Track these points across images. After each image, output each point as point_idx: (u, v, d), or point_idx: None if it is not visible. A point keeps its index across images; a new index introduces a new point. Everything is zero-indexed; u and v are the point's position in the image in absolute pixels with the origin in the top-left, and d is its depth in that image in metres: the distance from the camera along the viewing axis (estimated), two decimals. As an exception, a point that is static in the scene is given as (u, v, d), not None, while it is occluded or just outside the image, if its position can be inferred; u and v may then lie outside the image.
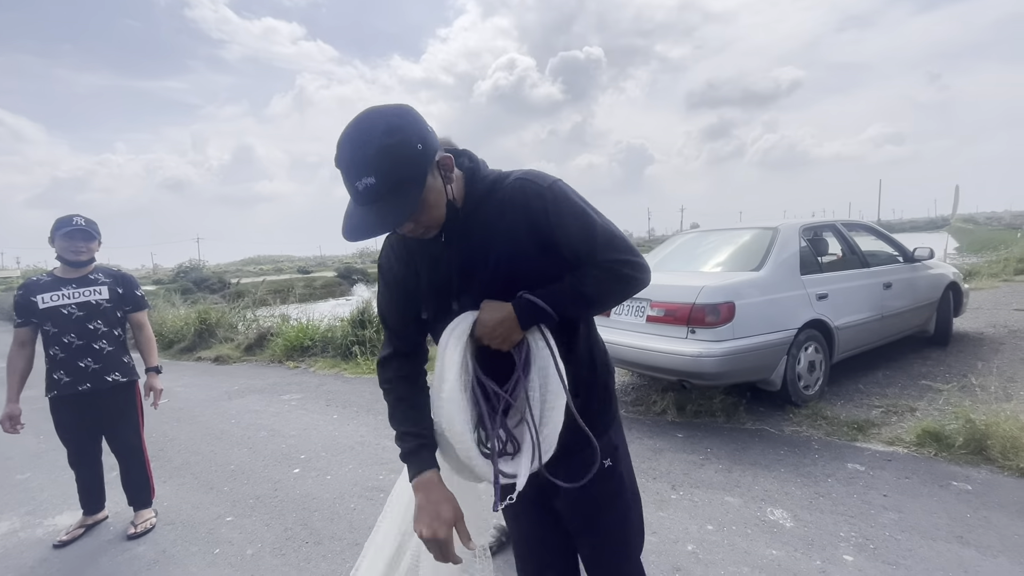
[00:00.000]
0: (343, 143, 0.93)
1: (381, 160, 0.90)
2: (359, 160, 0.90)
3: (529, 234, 1.03)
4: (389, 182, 0.90)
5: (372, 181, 0.90)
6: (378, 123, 0.91)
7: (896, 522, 2.15)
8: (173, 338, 7.89)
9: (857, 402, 3.48)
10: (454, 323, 1.05)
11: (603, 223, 1.05)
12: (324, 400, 4.63)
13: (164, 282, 32.96)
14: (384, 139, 0.90)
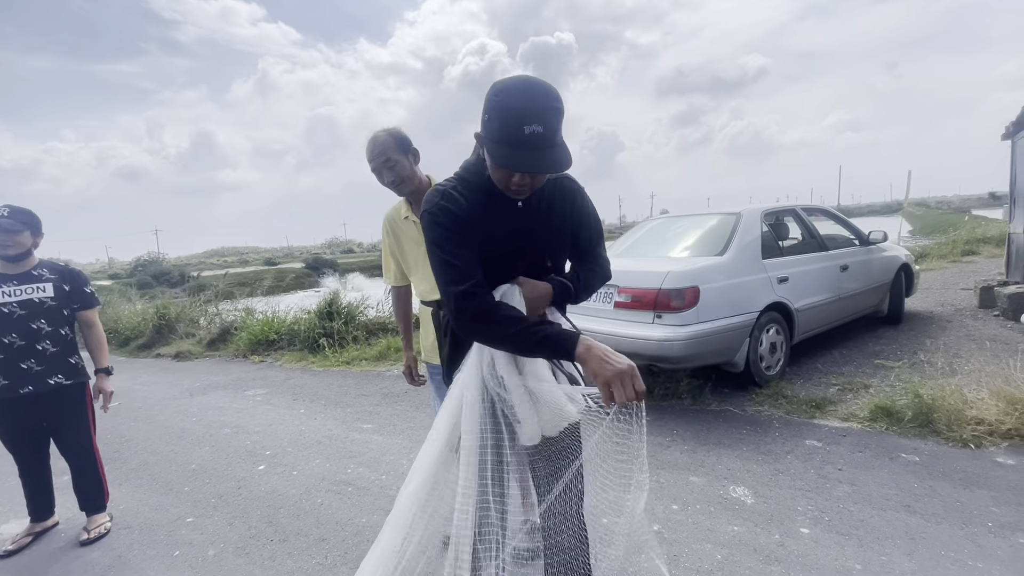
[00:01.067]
0: (518, 93, 1.10)
1: (550, 116, 1.09)
2: (533, 110, 1.07)
3: (569, 221, 1.33)
4: (552, 135, 1.10)
5: (540, 130, 1.07)
6: (550, 89, 1.11)
7: (849, 494, 2.24)
8: (130, 335, 7.56)
9: (815, 381, 3.61)
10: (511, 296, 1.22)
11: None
12: (291, 394, 4.53)
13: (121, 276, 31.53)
14: (554, 102, 1.10)
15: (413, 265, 1.97)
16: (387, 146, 1.77)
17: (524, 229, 1.26)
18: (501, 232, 1.23)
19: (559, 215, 1.31)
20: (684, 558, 1.93)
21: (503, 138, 1.10)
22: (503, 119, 1.09)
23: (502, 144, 1.10)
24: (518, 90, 1.09)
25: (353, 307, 6.41)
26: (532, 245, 1.28)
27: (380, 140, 1.78)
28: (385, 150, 1.77)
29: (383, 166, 1.78)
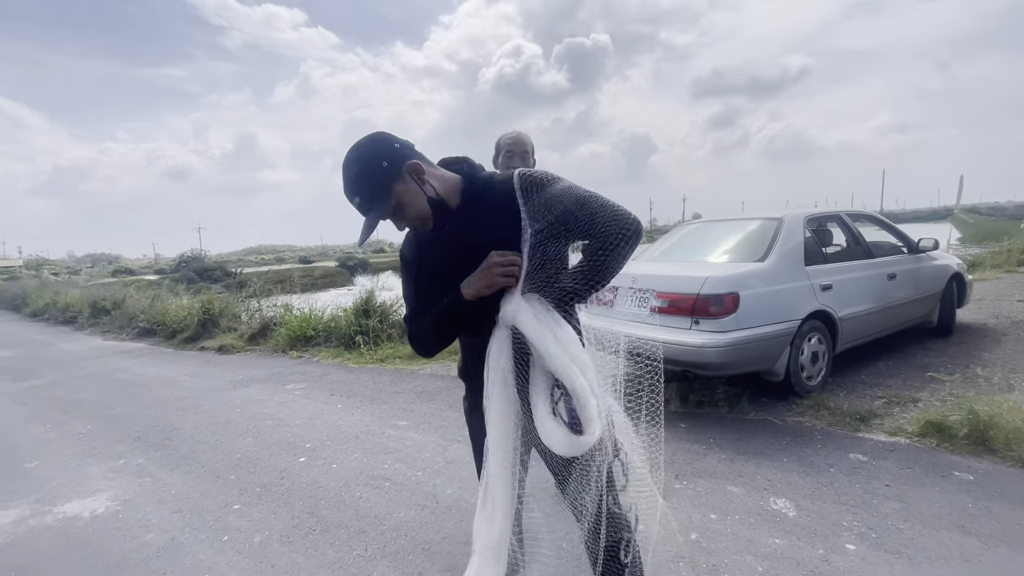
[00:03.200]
0: (342, 174, 1.21)
1: (356, 183, 1.19)
2: (346, 186, 1.20)
3: (516, 222, 1.21)
4: (367, 197, 1.19)
5: (358, 200, 1.20)
6: (351, 155, 1.20)
7: (898, 511, 2.17)
8: (176, 328, 7.90)
9: (860, 392, 3.49)
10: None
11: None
12: (328, 390, 4.66)
13: (166, 272, 33.00)
14: (354, 168, 1.19)
15: None
16: (529, 142, 2.10)
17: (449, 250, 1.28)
18: (434, 260, 1.32)
19: (497, 223, 1.22)
20: (724, 569, 1.90)
21: None
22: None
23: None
24: (342, 170, 1.21)
25: (387, 306, 6.54)
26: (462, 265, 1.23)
27: (525, 134, 2.11)
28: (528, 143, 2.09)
29: (525, 154, 2.08)
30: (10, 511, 2.73)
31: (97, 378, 5.78)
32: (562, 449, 1.16)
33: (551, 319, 1.18)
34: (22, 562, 2.27)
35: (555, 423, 1.18)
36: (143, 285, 14.10)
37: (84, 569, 2.18)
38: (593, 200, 1.20)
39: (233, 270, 24.48)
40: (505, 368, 1.23)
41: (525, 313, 1.17)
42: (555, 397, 1.19)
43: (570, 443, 1.15)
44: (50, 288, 14.99)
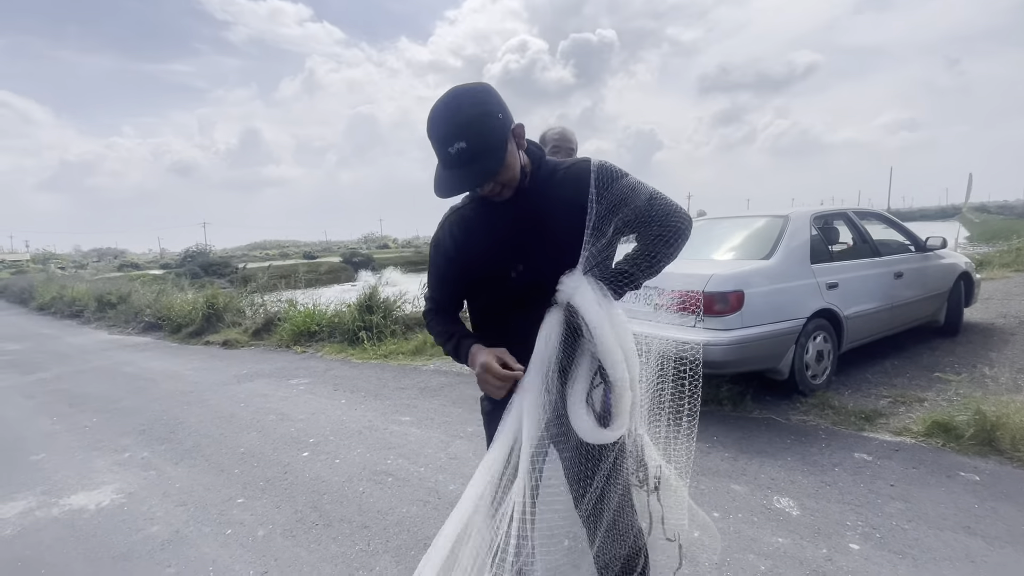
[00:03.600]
0: (436, 115, 1.09)
1: (470, 127, 1.06)
2: (452, 128, 1.07)
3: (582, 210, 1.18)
4: (477, 146, 1.07)
5: (463, 145, 1.06)
6: (465, 97, 1.09)
7: (903, 512, 2.15)
8: (182, 322, 7.94)
9: (865, 392, 3.47)
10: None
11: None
12: (332, 385, 4.67)
13: (171, 266, 33.18)
14: (471, 109, 1.07)
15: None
16: (575, 139, 2.17)
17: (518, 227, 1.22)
18: (490, 243, 1.24)
19: (565, 206, 1.20)
20: (727, 567, 1.90)
21: (439, 163, 1.11)
22: (434, 146, 1.11)
23: (438, 170, 1.12)
24: (439, 110, 1.09)
25: (391, 302, 6.55)
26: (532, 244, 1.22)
27: (573, 134, 2.19)
28: (575, 140, 2.16)
29: (570, 151, 2.13)
30: (17, 503, 2.75)
31: (103, 372, 5.82)
32: (586, 436, 1.19)
33: (610, 305, 1.18)
34: (28, 553, 2.29)
35: (586, 410, 1.19)
36: (148, 280, 14.19)
37: (89, 561, 2.20)
38: (658, 196, 1.25)
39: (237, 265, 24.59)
40: (551, 355, 1.20)
41: (586, 293, 1.16)
42: (594, 383, 1.21)
43: (595, 434, 1.18)
44: (57, 282, 15.10)
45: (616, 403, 1.18)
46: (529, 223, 1.22)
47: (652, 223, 1.24)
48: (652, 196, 1.24)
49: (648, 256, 1.23)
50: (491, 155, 1.10)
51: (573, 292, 1.17)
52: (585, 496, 1.29)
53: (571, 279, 1.19)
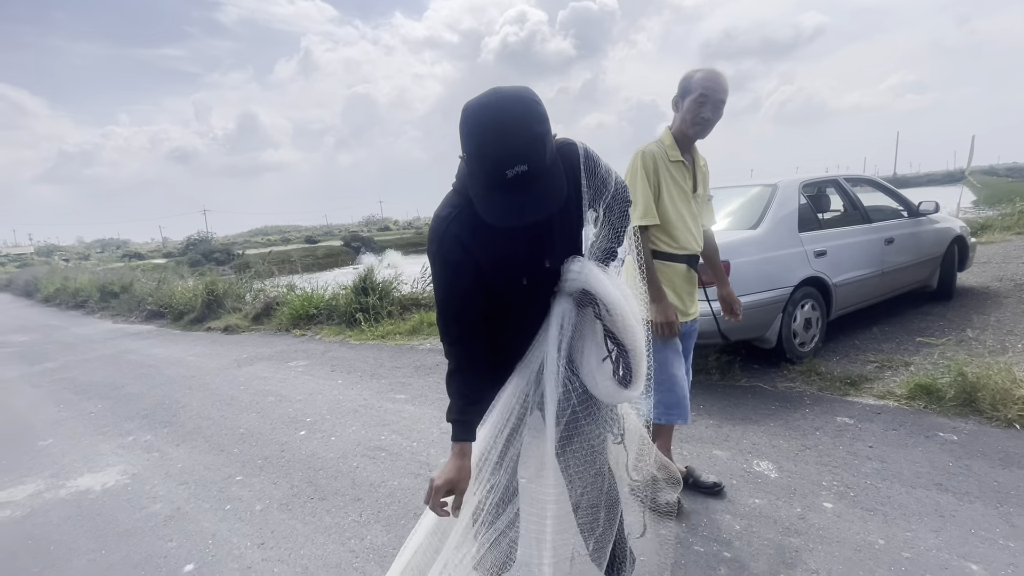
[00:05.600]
0: (489, 130, 0.94)
1: (534, 148, 0.95)
2: (513, 149, 0.93)
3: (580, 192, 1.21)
4: (538, 168, 0.96)
5: (524, 168, 0.94)
6: (527, 111, 0.95)
7: (878, 471, 2.21)
8: (183, 309, 8.03)
9: (852, 358, 3.51)
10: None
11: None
12: (330, 366, 4.75)
13: (174, 255, 33.32)
14: (537, 127, 0.95)
15: (672, 210, 1.89)
16: (727, 87, 1.84)
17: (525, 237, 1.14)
18: (504, 248, 1.14)
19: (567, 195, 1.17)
20: (703, 528, 1.96)
21: (485, 184, 0.98)
22: (482, 164, 0.96)
23: (483, 190, 1.00)
24: (492, 126, 0.94)
25: (387, 283, 6.59)
26: (534, 237, 1.17)
27: (725, 77, 1.84)
28: (727, 89, 1.83)
29: (719, 103, 1.82)
30: (26, 486, 2.86)
31: (107, 360, 5.93)
32: (609, 397, 1.28)
33: (620, 281, 1.27)
34: (38, 532, 2.39)
35: (606, 375, 1.26)
36: (149, 268, 14.28)
37: (96, 538, 2.30)
38: (619, 177, 1.31)
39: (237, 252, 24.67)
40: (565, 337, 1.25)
41: (599, 276, 1.22)
42: (609, 349, 1.27)
43: (619, 394, 1.27)
44: (60, 274, 15.23)
45: (636, 367, 1.26)
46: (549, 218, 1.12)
47: (617, 201, 1.32)
48: (616, 176, 1.31)
49: (620, 233, 1.33)
50: (553, 180, 1.01)
51: (586, 278, 1.22)
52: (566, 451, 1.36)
53: (577, 265, 1.23)
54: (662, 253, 1.93)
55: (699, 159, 2.00)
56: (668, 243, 1.93)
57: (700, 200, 2.00)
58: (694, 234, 1.97)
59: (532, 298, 1.25)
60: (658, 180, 1.87)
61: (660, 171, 1.87)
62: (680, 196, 1.91)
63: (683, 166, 1.91)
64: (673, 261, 1.95)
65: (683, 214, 1.92)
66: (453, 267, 1.13)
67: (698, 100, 1.81)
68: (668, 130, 1.93)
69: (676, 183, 1.90)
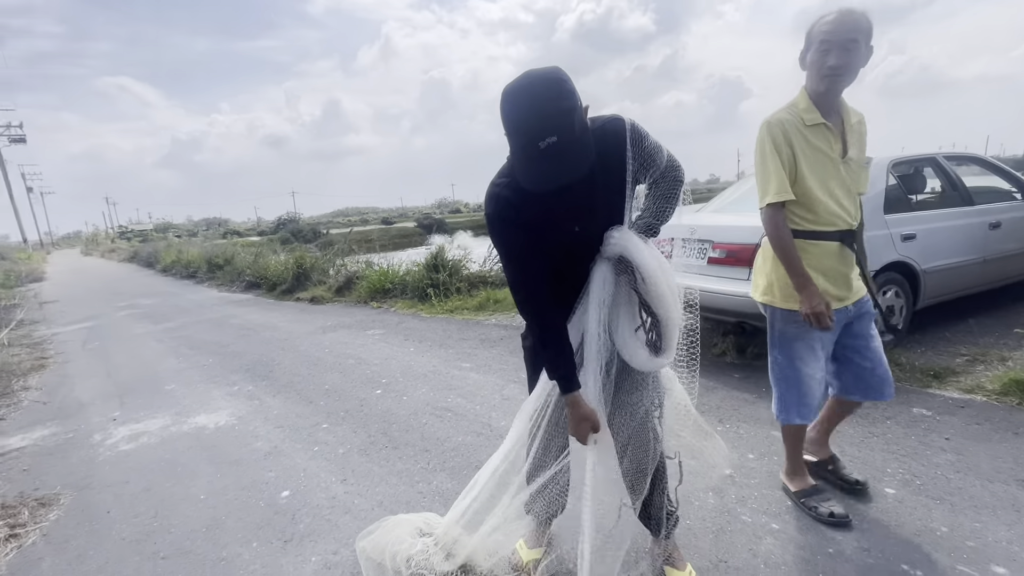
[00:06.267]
0: (521, 106, 1.10)
1: (561, 121, 1.08)
2: (543, 121, 1.08)
3: (626, 165, 1.31)
4: (567, 139, 1.09)
5: (554, 140, 1.08)
6: (552, 88, 1.09)
7: (952, 463, 2.11)
8: (276, 281, 8.85)
9: (940, 350, 3.27)
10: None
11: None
12: (403, 335, 5.11)
13: (267, 233, 36.29)
14: (565, 102, 1.09)
15: (814, 182, 1.67)
16: (859, 25, 1.55)
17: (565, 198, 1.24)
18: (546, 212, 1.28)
19: (604, 163, 1.27)
20: (752, 500, 2.00)
21: (523, 155, 1.13)
22: (517, 139, 1.12)
23: (522, 161, 1.15)
24: (526, 104, 1.09)
25: (457, 262, 6.89)
26: (577, 206, 1.30)
27: (854, 14, 1.55)
28: (857, 27, 1.55)
29: (848, 44, 1.55)
30: (157, 420, 3.40)
31: (215, 322, 6.73)
32: (641, 365, 1.40)
33: (657, 253, 1.37)
34: (169, 456, 2.86)
35: (639, 342, 1.40)
36: (246, 245, 15.73)
37: (212, 464, 2.72)
38: (670, 154, 1.38)
39: (322, 231, 26.48)
40: (605, 297, 1.38)
41: (639, 246, 1.33)
42: (643, 318, 1.39)
43: (651, 361, 1.39)
44: (175, 248, 17.18)
45: (667, 337, 1.37)
46: (580, 187, 1.24)
47: (665, 179, 1.39)
48: (668, 154, 1.37)
49: (664, 210, 1.39)
50: (583, 148, 1.13)
51: (625, 245, 1.33)
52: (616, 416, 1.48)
53: (619, 233, 1.34)
54: (805, 232, 1.71)
55: (850, 116, 1.71)
56: (811, 220, 1.70)
57: (854, 165, 1.71)
58: (845, 206, 1.70)
59: (579, 258, 1.38)
60: (792, 150, 1.66)
61: (794, 139, 1.65)
62: (823, 164, 1.66)
63: (825, 129, 1.66)
64: (820, 239, 1.71)
65: (829, 185, 1.67)
66: (507, 224, 1.31)
67: (820, 50, 1.58)
68: (803, 91, 1.69)
69: (817, 150, 1.66)
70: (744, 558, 1.70)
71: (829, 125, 1.66)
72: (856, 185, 1.74)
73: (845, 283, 1.76)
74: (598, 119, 1.32)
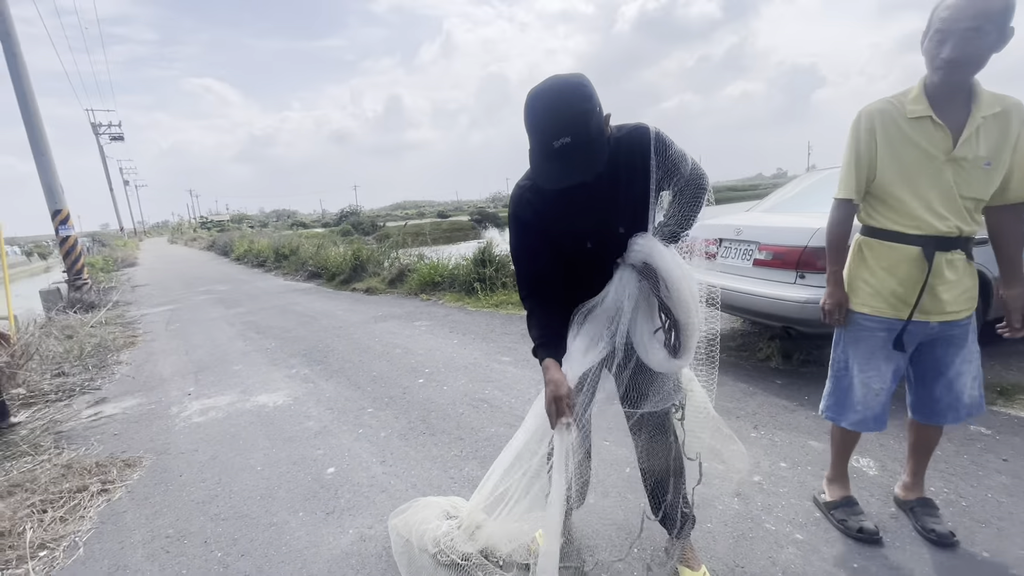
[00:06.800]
0: (540, 107, 1.16)
1: (576, 122, 1.14)
2: (559, 122, 1.14)
3: (650, 175, 1.34)
4: (581, 141, 1.15)
5: (568, 140, 1.14)
6: (570, 91, 1.15)
7: (1005, 486, 1.98)
8: (335, 271, 9.36)
9: (1011, 365, 3.02)
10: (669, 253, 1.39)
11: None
12: (448, 328, 5.30)
13: (330, 224, 38.18)
14: (580, 105, 1.14)
15: (900, 179, 1.54)
16: (987, 9, 1.35)
17: (587, 201, 1.34)
18: (566, 216, 1.37)
19: (628, 171, 1.33)
20: (779, 509, 1.97)
21: (539, 153, 1.19)
22: (535, 138, 1.18)
23: (538, 159, 1.21)
24: (544, 105, 1.15)
25: (504, 256, 7.01)
26: (598, 210, 1.36)
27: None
28: (984, 11, 1.35)
29: (968, 33, 1.37)
30: (225, 396, 3.76)
31: (279, 309, 7.24)
32: (658, 365, 1.43)
33: (681, 260, 1.41)
34: (232, 430, 3.17)
35: (657, 343, 1.43)
36: (310, 236, 16.65)
37: (268, 439, 2.99)
38: (695, 163, 1.39)
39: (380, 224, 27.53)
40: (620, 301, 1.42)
41: (664, 254, 1.37)
42: (662, 321, 1.43)
43: (668, 363, 1.42)
44: (247, 238, 18.47)
45: (686, 341, 1.40)
46: (602, 192, 1.34)
47: (689, 187, 1.40)
48: (692, 163, 1.39)
49: (688, 218, 1.42)
50: (595, 150, 1.18)
51: (650, 252, 1.37)
52: (633, 416, 1.52)
53: (644, 240, 1.39)
54: (884, 231, 1.60)
55: (980, 110, 1.47)
56: (891, 218, 1.58)
57: (967, 166, 1.49)
58: (937, 210, 1.51)
59: (598, 261, 1.43)
60: (875, 143, 1.55)
61: (888, 131, 1.54)
62: (917, 162, 1.51)
63: (930, 123, 1.49)
64: (897, 241, 1.58)
65: (918, 184, 1.52)
66: (524, 226, 1.41)
67: (934, 39, 1.43)
68: (921, 79, 1.54)
69: (914, 145, 1.51)
70: (762, 565, 1.70)
71: (937, 120, 1.49)
72: (970, 188, 1.50)
73: (931, 295, 1.56)
74: (624, 127, 1.37)
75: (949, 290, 1.56)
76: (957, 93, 1.49)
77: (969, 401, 1.70)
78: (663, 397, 1.49)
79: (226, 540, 2.08)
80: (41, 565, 2.01)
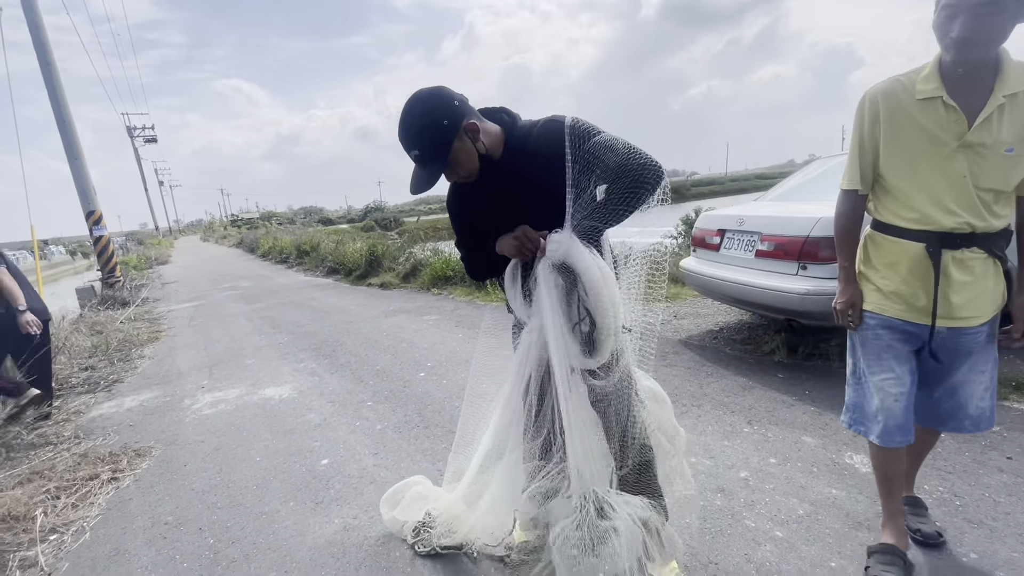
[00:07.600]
0: (399, 123, 1.32)
1: (419, 136, 1.30)
2: (407, 138, 1.31)
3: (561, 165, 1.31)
4: (426, 151, 1.31)
5: (417, 152, 1.31)
6: (416, 107, 1.29)
7: (1006, 485, 1.89)
8: (352, 267, 9.53)
9: (1030, 358, 2.87)
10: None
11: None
12: (455, 321, 5.34)
13: (355, 221, 38.84)
14: (420, 120, 1.29)
15: (906, 169, 1.39)
16: None
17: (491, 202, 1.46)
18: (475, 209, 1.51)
19: (542, 166, 1.34)
20: (761, 506, 1.93)
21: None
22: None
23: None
24: (400, 121, 1.31)
25: (514, 250, 7.01)
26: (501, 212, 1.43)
27: None
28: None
29: (979, 9, 1.22)
30: (234, 389, 3.89)
31: (296, 304, 7.42)
32: (574, 361, 1.41)
33: (599, 259, 1.36)
34: (238, 421, 3.28)
35: (574, 339, 1.41)
36: (332, 232, 16.97)
37: (270, 431, 3.08)
38: (635, 150, 1.31)
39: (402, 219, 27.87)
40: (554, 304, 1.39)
41: (581, 253, 1.33)
42: (580, 315, 1.40)
43: (583, 361, 1.41)
44: (271, 235, 18.96)
45: (601, 343, 1.38)
46: (507, 192, 1.40)
47: (623, 180, 1.31)
48: (630, 150, 1.31)
49: (616, 212, 1.33)
50: (438, 160, 1.31)
51: (567, 251, 1.33)
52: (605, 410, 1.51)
53: (560, 237, 1.34)
54: (887, 225, 1.46)
55: (1003, 87, 1.28)
56: (895, 212, 1.43)
57: (983, 151, 1.31)
58: (945, 203, 1.35)
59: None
60: (877, 129, 1.41)
61: (893, 114, 1.38)
62: (923, 148, 1.35)
63: (940, 105, 1.32)
64: (899, 236, 1.43)
65: (923, 173, 1.36)
66: (452, 212, 1.58)
67: (943, 13, 1.28)
68: (936, 56, 1.36)
69: (921, 129, 1.35)
70: (736, 562, 1.67)
71: (949, 100, 1.31)
72: (987, 178, 1.32)
73: (943, 297, 1.39)
74: (537, 121, 1.38)
75: (959, 293, 1.38)
76: (977, 70, 1.30)
77: (975, 413, 1.50)
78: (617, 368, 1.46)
79: (219, 528, 2.16)
80: (51, 548, 2.13)
